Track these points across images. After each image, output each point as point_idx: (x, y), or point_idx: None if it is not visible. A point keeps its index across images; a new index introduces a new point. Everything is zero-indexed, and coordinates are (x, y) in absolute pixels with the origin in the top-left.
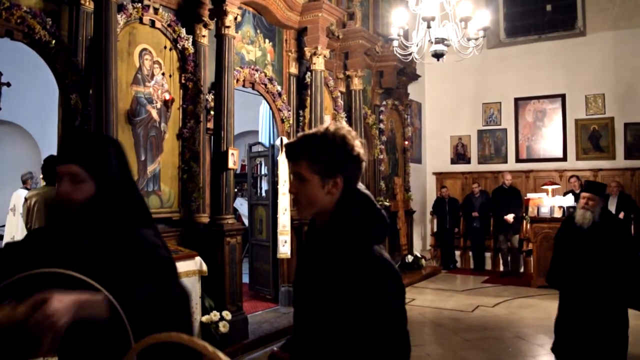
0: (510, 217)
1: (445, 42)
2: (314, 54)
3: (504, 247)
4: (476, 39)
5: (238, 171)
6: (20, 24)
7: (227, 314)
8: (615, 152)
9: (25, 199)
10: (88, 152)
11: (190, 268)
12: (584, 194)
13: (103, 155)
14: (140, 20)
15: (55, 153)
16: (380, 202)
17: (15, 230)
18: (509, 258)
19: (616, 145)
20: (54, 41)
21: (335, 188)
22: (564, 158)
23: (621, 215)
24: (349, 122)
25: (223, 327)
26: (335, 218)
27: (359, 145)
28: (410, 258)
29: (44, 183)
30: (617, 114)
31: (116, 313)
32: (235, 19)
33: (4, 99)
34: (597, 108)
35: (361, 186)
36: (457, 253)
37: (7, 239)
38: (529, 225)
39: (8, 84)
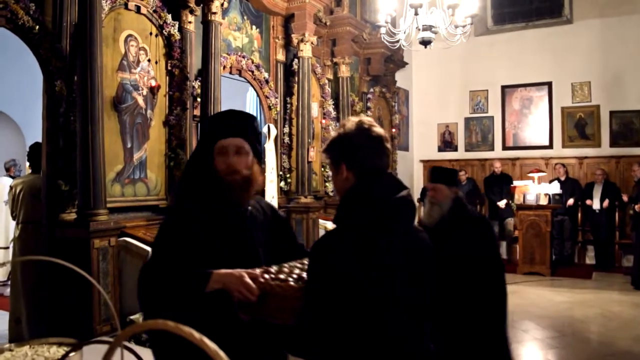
0: (502, 204)
1: (433, 30)
2: (301, 40)
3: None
4: (464, 26)
5: None
6: (2, 9)
7: None
8: (600, 140)
9: (11, 187)
10: (250, 129)
11: None
12: (429, 185)
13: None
14: (126, 6)
15: (39, 140)
16: None
17: None
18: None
19: (602, 133)
20: (37, 27)
21: (342, 174)
22: (550, 146)
23: (605, 203)
24: (337, 109)
25: None
26: (340, 203)
27: (368, 134)
28: None
29: (30, 171)
30: (602, 101)
31: None
32: (222, 5)
33: None
34: (583, 96)
35: (389, 174)
36: None
37: None
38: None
39: None
